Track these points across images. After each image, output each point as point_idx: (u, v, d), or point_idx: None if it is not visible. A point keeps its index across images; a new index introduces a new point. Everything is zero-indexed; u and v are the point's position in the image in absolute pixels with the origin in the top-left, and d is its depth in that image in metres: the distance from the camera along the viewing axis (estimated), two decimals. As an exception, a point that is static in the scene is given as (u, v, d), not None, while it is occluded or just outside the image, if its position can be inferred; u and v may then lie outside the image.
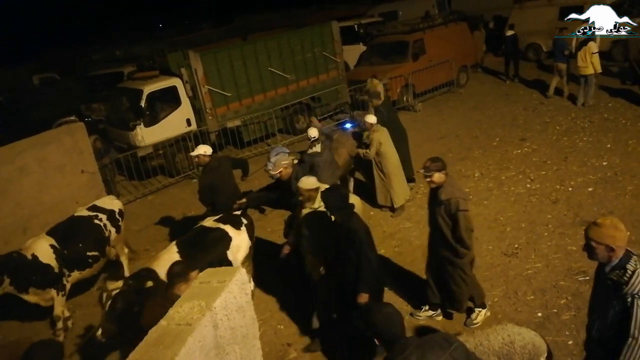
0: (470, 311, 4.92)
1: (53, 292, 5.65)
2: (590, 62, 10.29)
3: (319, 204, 4.56)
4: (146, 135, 10.14)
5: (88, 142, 7.85)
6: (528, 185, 7.58)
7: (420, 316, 5.06)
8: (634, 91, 10.87)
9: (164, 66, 10.98)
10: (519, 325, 3.49)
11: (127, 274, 6.83)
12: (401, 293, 5.48)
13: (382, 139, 7.20)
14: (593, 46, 10.28)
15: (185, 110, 10.68)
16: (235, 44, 11.96)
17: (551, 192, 7.20)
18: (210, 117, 10.82)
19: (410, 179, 8.02)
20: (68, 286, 5.85)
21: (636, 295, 2.63)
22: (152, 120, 10.24)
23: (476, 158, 9.02)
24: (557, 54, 11.42)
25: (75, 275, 5.95)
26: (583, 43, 10.49)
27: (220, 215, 5.82)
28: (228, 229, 5.52)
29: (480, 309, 4.88)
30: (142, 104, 10.07)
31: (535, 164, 8.28)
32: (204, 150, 6.36)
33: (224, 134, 11.15)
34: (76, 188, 7.46)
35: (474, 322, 4.85)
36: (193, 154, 6.50)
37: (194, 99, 10.73)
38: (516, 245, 6.08)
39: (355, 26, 17.24)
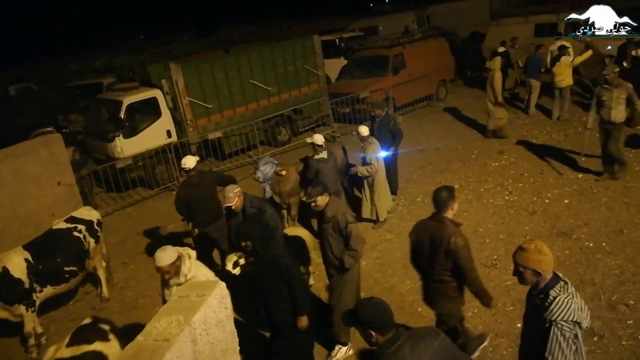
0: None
1: (22, 308, 5.48)
2: (566, 74, 10.56)
3: (189, 272, 3.94)
4: (125, 147, 10.02)
5: (65, 153, 7.71)
6: (506, 197, 7.71)
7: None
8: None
9: (145, 77, 10.90)
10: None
11: (105, 288, 6.71)
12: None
13: (377, 149, 7.24)
14: (567, 59, 10.57)
15: (165, 121, 10.59)
16: (217, 56, 11.95)
17: (529, 204, 7.33)
18: (191, 129, 10.75)
19: (392, 192, 8.08)
20: (38, 302, 5.68)
21: (553, 322, 2.65)
22: (131, 131, 10.13)
23: (455, 170, 9.14)
24: (530, 71, 11.69)
25: (49, 290, 5.79)
26: (557, 57, 10.78)
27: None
28: None
29: (342, 346, 4.81)
30: (122, 115, 9.96)
31: (512, 176, 8.43)
32: (183, 162, 6.40)
33: (204, 146, 11.08)
34: (53, 200, 7.30)
35: (333, 359, 4.79)
36: (183, 166, 6.46)
37: (174, 111, 10.66)
38: (495, 257, 6.15)
39: (337, 40, 17.43)
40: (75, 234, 6.20)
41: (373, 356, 2.57)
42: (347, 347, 4.87)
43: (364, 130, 7.19)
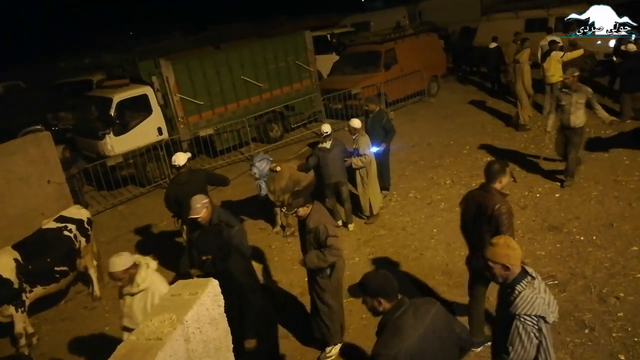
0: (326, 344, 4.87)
1: (11, 309, 5.43)
2: (556, 70, 10.61)
3: (144, 283, 3.75)
4: (116, 145, 9.93)
5: (55, 151, 7.62)
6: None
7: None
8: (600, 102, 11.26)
9: (135, 74, 10.82)
10: None
11: (96, 287, 6.66)
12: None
13: (369, 142, 7.25)
14: (557, 55, 10.62)
15: (156, 118, 10.51)
16: (207, 53, 11.88)
17: (520, 199, 7.37)
18: (182, 126, 10.69)
19: (384, 188, 8.08)
20: (28, 302, 5.63)
21: (517, 316, 2.76)
22: (122, 129, 10.05)
23: (447, 166, 9.17)
24: None
25: (39, 290, 5.73)
26: (547, 53, 10.83)
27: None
28: None
29: (334, 345, 4.84)
30: (112, 112, 9.87)
31: None
32: (174, 159, 6.33)
33: (196, 143, 11.02)
34: (42, 199, 7.23)
35: (328, 355, 4.82)
36: (173, 163, 6.39)
37: (165, 108, 10.59)
38: (487, 251, 6.18)
39: (328, 36, 17.40)
40: (66, 233, 6.15)
41: (379, 323, 2.77)
42: (340, 344, 4.89)
43: (357, 123, 7.20)
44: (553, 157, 8.09)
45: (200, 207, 4.79)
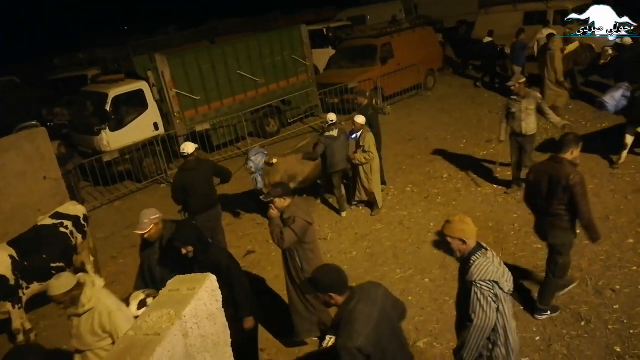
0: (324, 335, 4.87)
1: (8, 305, 5.43)
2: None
3: (89, 303, 3.56)
4: (112, 140, 9.89)
5: (50, 147, 7.59)
6: (494, 186, 7.76)
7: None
8: (592, 93, 11.28)
9: (130, 69, 10.76)
10: None
11: (93, 283, 6.64)
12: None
13: (372, 139, 7.27)
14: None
15: (152, 114, 10.47)
16: (203, 47, 11.81)
17: (517, 192, 7.38)
18: (178, 121, 10.65)
19: (382, 182, 8.10)
20: (25, 299, 5.62)
21: (473, 283, 3.00)
22: (117, 124, 10.01)
23: (444, 160, 9.17)
24: (515, 56, 11.73)
25: (36, 287, 5.71)
26: (545, 46, 10.80)
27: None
28: None
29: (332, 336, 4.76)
30: (108, 108, 9.82)
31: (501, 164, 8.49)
32: (182, 148, 6.26)
33: (192, 138, 10.96)
34: (38, 195, 7.20)
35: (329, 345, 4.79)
36: (182, 151, 6.32)
37: (161, 103, 10.54)
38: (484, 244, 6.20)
39: (325, 30, 17.32)
40: (62, 229, 6.13)
41: (335, 317, 2.91)
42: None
43: (361, 119, 7.22)
44: (508, 162, 7.78)
45: (148, 223, 4.26)
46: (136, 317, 3.36)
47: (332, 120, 7.20)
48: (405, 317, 3.21)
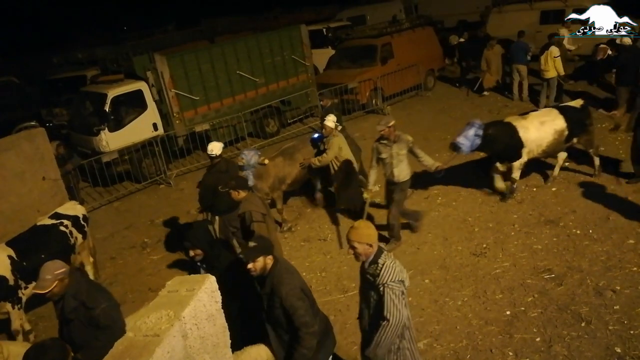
0: None
1: (7, 305, 5.41)
2: (552, 66, 10.60)
3: None
4: (111, 141, 9.87)
5: (49, 147, 7.57)
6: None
7: None
8: (595, 95, 11.29)
9: (129, 69, 10.73)
10: None
11: (92, 283, 6.63)
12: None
13: (342, 143, 7.19)
14: (555, 50, 10.60)
15: (151, 114, 10.45)
16: (202, 47, 11.79)
17: (516, 193, 7.37)
18: (177, 122, 10.63)
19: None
20: (24, 299, 5.61)
21: (385, 284, 3.15)
22: (117, 125, 9.99)
23: (444, 160, 9.13)
24: (516, 56, 11.71)
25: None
26: (545, 47, 10.80)
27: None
28: None
29: None
30: (107, 108, 9.80)
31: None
32: (210, 149, 6.26)
33: (192, 139, 10.97)
34: (37, 196, 7.17)
35: None
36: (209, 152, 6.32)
37: (160, 103, 10.52)
38: (484, 245, 6.20)
39: (324, 30, 17.32)
40: (61, 229, 6.12)
41: (270, 275, 3.39)
42: None
43: (331, 122, 7.18)
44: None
45: (51, 279, 3.46)
46: None
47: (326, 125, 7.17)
48: None
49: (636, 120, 7.25)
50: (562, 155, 7.48)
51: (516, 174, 7.14)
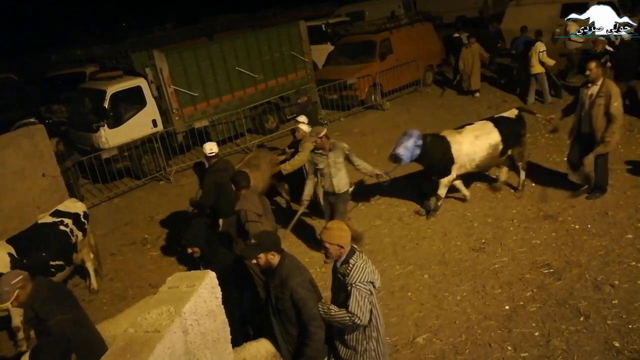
0: None
1: (7, 303, 5.41)
2: (537, 62, 10.61)
3: None
4: (110, 137, 9.87)
5: (49, 145, 7.56)
6: (493, 181, 7.75)
7: None
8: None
9: (128, 66, 10.72)
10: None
11: (93, 280, 6.66)
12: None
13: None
14: (540, 45, 10.61)
15: (150, 111, 10.44)
16: (201, 44, 11.78)
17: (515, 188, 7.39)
18: (177, 118, 10.63)
19: None
20: None
21: (354, 284, 3.23)
22: (116, 121, 9.98)
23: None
24: (518, 51, 11.71)
25: None
26: (532, 42, 10.82)
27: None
28: None
29: None
30: (106, 105, 9.80)
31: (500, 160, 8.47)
32: (210, 148, 6.24)
33: (191, 135, 10.97)
34: (37, 193, 7.18)
35: None
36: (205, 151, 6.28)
37: (159, 100, 10.52)
38: (483, 241, 6.22)
39: (323, 26, 17.29)
40: (62, 227, 6.12)
41: (275, 276, 3.42)
42: None
43: (305, 126, 7.16)
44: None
45: (10, 291, 3.47)
46: None
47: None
48: None
49: (576, 130, 6.72)
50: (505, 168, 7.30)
51: (442, 191, 6.88)
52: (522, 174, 7.23)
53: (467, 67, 12.31)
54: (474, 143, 6.78)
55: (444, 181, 6.85)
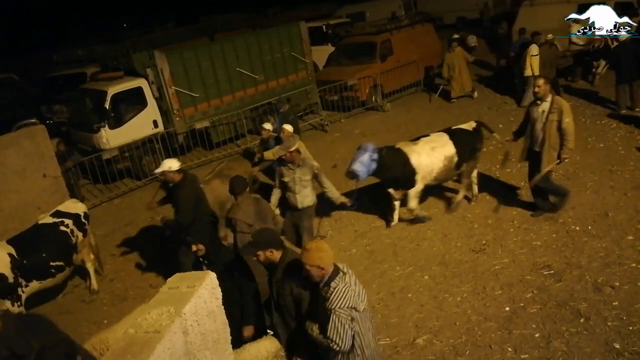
0: None
1: (7, 303, 5.43)
2: (529, 65, 10.60)
3: None
4: (111, 138, 9.88)
5: (50, 145, 7.58)
6: (494, 184, 7.75)
7: None
8: (591, 89, 11.30)
9: (129, 66, 10.72)
10: None
11: (94, 281, 6.66)
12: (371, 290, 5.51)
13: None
14: (534, 49, 10.59)
15: (151, 111, 10.45)
16: (202, 44, 11.78)
17: (516, 189, 7.38)
18: (177, 119, 10.63)
19: None
20: (24, 296, 5.63)
21: (333, 310, 3.04)
22: (117, 122, 9.98)
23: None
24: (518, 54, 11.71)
25: (35, 285, 5.73)
26: (525, 45, 10.81)
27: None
28: None
29: None
30: (107, 105, 9.80)
31: (500, 161, 8.46)
32: (169, 165, 5.54)
33: (192, 136, 10.97)
34: (38, 193, 7.20)
35: None
36: (157, 171, 5.75)
37: (160, 100, 10.52)
38: (484, 242, 6.22)
39: (324, 27, 17.30)
40: (62, 228, 6.13)
41: (277, 272, 3.47)
42: None
43: (290, 127, 7.37)
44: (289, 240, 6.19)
45: None
46: None
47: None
48: None
49: (528, 150, 6.56)
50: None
51: (413, 203, 6.71)
52: (475, 188, 7.17)
53: (451, 72, 12.24)
54: (430, 154, 6.64)
55: (412, 193, 6.68)
